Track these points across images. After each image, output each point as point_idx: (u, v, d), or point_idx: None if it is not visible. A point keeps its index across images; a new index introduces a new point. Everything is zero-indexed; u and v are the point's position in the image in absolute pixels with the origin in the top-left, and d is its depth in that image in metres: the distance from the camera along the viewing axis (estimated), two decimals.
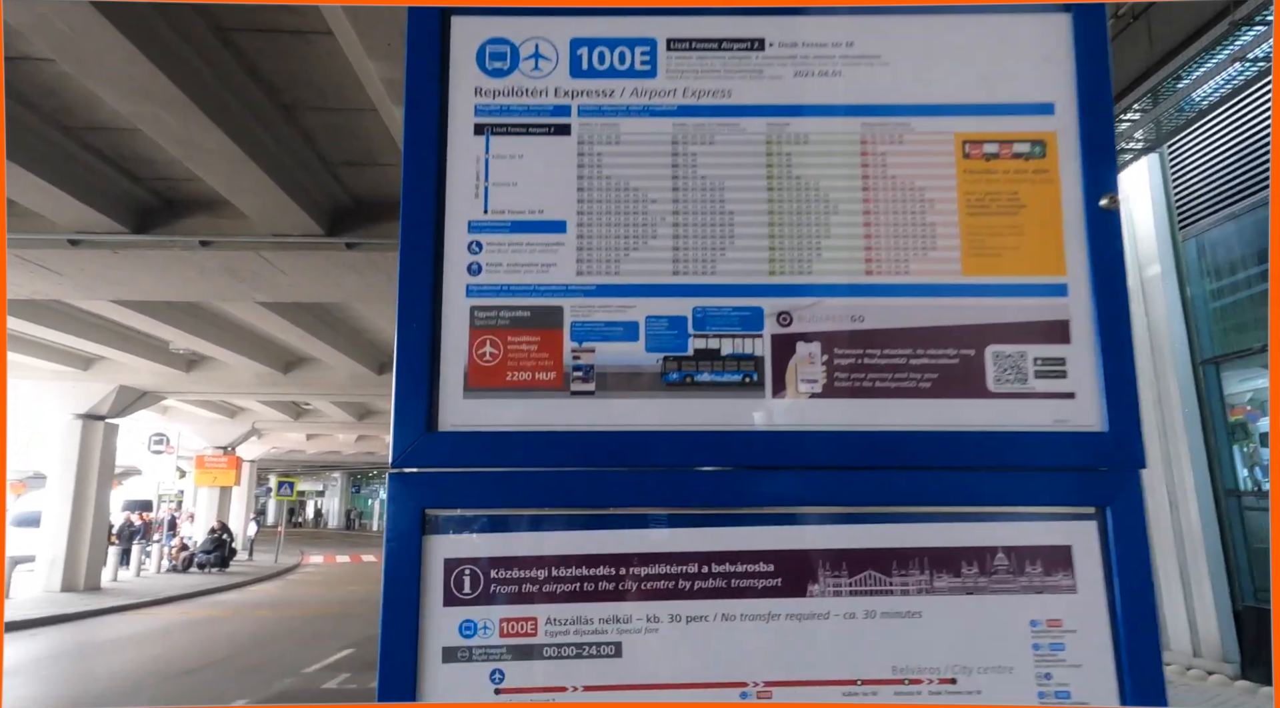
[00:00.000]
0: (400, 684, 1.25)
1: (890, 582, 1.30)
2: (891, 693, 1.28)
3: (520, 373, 1.34)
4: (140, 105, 7.33)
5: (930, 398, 1.34)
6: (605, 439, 1.32)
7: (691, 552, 1.31)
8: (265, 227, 10.25)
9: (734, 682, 1.28)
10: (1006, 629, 1.29)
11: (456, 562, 1.30)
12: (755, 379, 1.35)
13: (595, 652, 1.28)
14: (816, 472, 1.32)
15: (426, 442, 1.30)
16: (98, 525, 18.62)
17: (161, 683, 9.95)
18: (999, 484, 1.31)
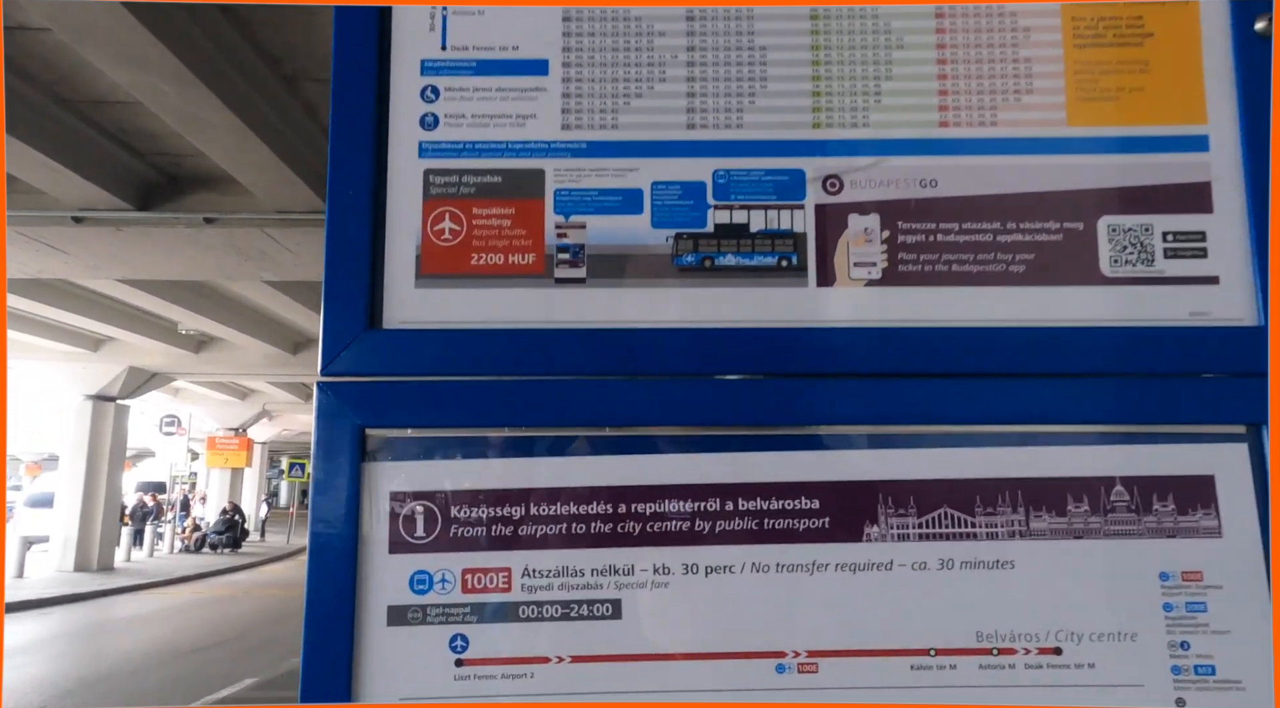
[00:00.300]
0: (332, 655, 0.96)
1: (973, 523, 0.99)
2: (975, 667, 0.97)
3: (489, 255, 1.03)
4: (138, 75, 7.11)
5: (1024, 285, 1.02)
6: (599, 340, 1.02)
7: (712, 484, 1.00)
8: (270, 203, 10.08)
9: (767, 652, 0.98)
10: (1128, 585, 0.98)
11: (405, 496, 1.00)
12: (795, 263, 1.04)
13: (586, 612, 0.98)
14: (875, 380, 1.01)
15: (367, 342, 1.00)
16: (110, 506, 18.57)
17: (171, 661, 9.87)
18: (1117, 396, 1.00)
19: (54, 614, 13.45)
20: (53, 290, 14.25)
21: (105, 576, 17.47)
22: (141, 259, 11.78)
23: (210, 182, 10.34)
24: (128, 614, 13.77)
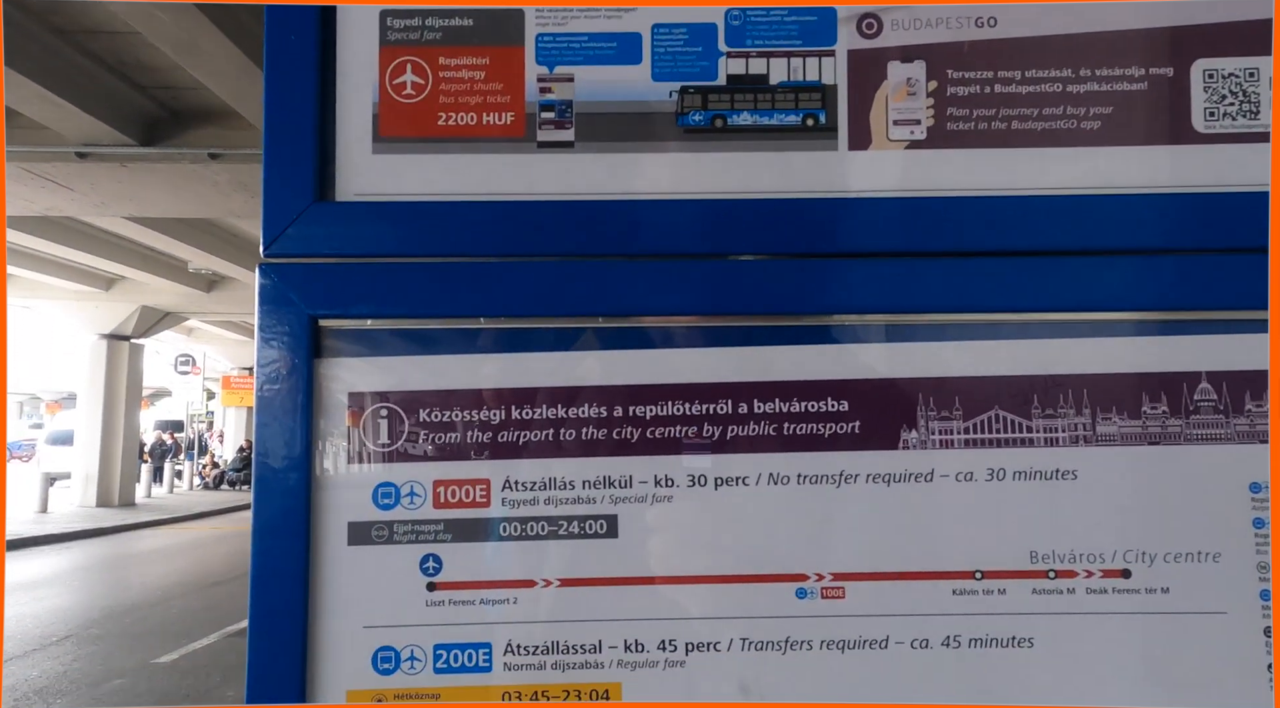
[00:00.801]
0: (284, 578, 0.83)
1: (1029, 427, 0.85)
2: (1027, 591, 0.83)
3: (459, 114, 0.87)
4: None
5: (1097, 146, 0.86)
6: (590, 214, 0.86)
7: (723, 383, 0.86)
8: None
9: (786, 574, 0.85)
10: (1211, 497, 0.84)
11: (367, 398, 0.86)
12: (824, 122, 0.87)
13: (577, 529, 0.85)
14: (915, 260, 0.86)
15: (317, 218, 0.85)
16: (129, 444, 18.81)
17: (192, 593, 10.07)
18: (1206, 275, 0.84)
19: (77, 548, 13.71)
20: (62, 229, 14.20)
21: (126, 511, 17.78)
22: (148, 196, 11.71)
23: (213, 116, 10.20)
24: (149, 548, 14.03)
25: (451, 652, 0.84)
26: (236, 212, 12.75)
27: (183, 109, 10.24)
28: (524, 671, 0.84)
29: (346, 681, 0.84)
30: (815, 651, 0.84)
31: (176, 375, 23.90)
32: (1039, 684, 0.83)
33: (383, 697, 0.84)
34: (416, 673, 0.84)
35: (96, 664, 7.07)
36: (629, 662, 0.84)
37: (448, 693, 0.84)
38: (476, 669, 0.84)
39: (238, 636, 7.98)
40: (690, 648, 0.84)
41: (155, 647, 7.55)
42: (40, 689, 6.37)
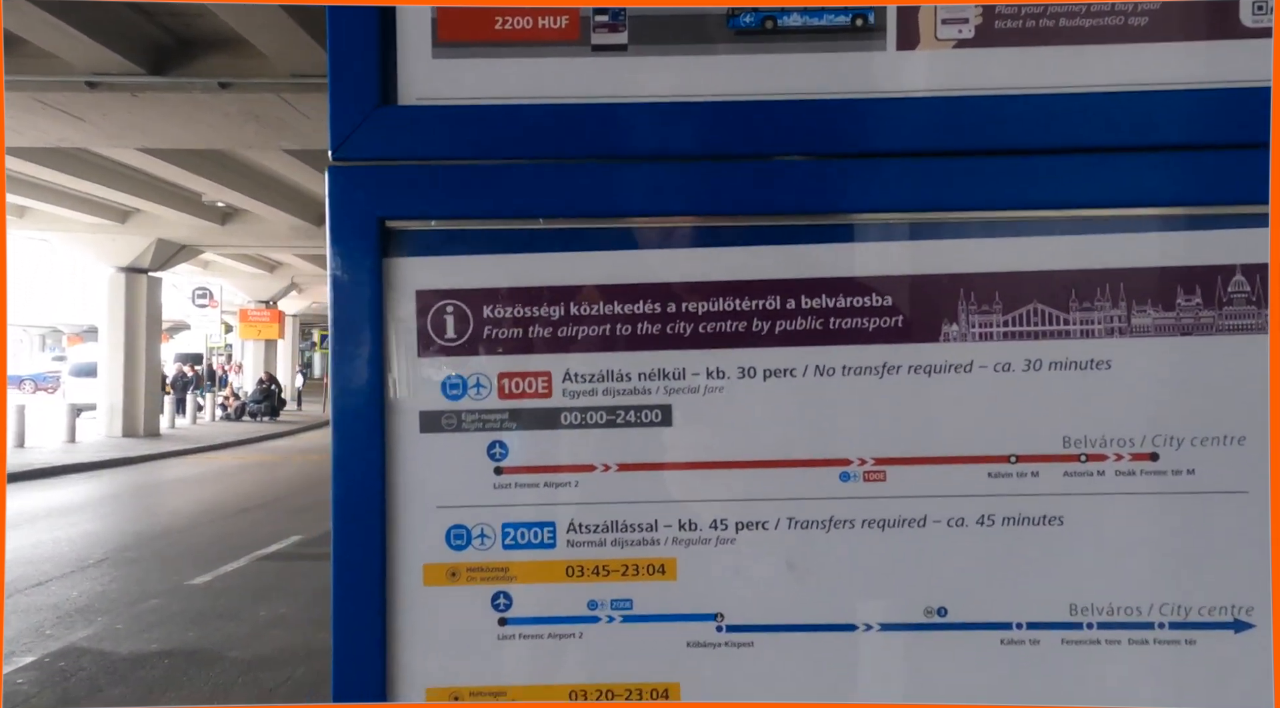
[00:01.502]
0: (362, 465, 0.89)
1: (1065, 319, 0.89)
2: (1059, 474, 0.89)
3: (516, 19, 0.89)
4: None
5: (1143, 42, 0.88)
6: (644, 116, 0.89)
7: (772, 280, 0.90)
8: (284, 67, 9.84)
9: (831, 459, 0.90)
10: (1238, 384, 0.88)
11: (433, 295, 0.91)
12: (872, 21, 0.89)
13: (633, 418, 0.90)
14: (963, 159, 0.89)
15: (381, 121, 0.88)
16: (151, 375, 19.12)
17: (220, 520, 10.34)
18: (1244, 170, 0.86)
19: (106, 476, 14.06)
20: (76, 161, 14.18)
21: (152, 441, 18.15)
22: (160, 127, 11.66)
23: (222, 44, 10.08)
24: (175, 477, 14.37)
25: (518, 530, 0.91)
26: (249, 142, 12.68)
27: (192, 37, 10.12)
28: (585, 547, 0.91)
29: (422, 555, 0.90)
30: (857, 529, 0.90)
31: (194, 309, 24.09)
32: (1068, 560, 0.89)
33: (455, 570, 0.91)
34: (486, 549, 0.91)
35: (133, 585, 7.33)
36: (683, 539, 0.90)
37: (515, 567, 0.91)
38: (541, 546, 0.91)
39: (267, 559, 8.25)
40: (740, 527, 0.90)
41: (188, 570, 7.81)
42: (82, 608, 6.63)
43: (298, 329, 34.48)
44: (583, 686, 0.91)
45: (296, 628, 6.13)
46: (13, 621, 6.28)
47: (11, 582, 7.32)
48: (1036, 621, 0.89)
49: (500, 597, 0.91)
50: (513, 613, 0.91)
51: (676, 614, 0.90)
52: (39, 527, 9.71)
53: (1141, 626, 0.88)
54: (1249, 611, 0.87)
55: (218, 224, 19.03)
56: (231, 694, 4.94)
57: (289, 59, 9.57)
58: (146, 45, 9.95)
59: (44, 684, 5.06)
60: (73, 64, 9.83)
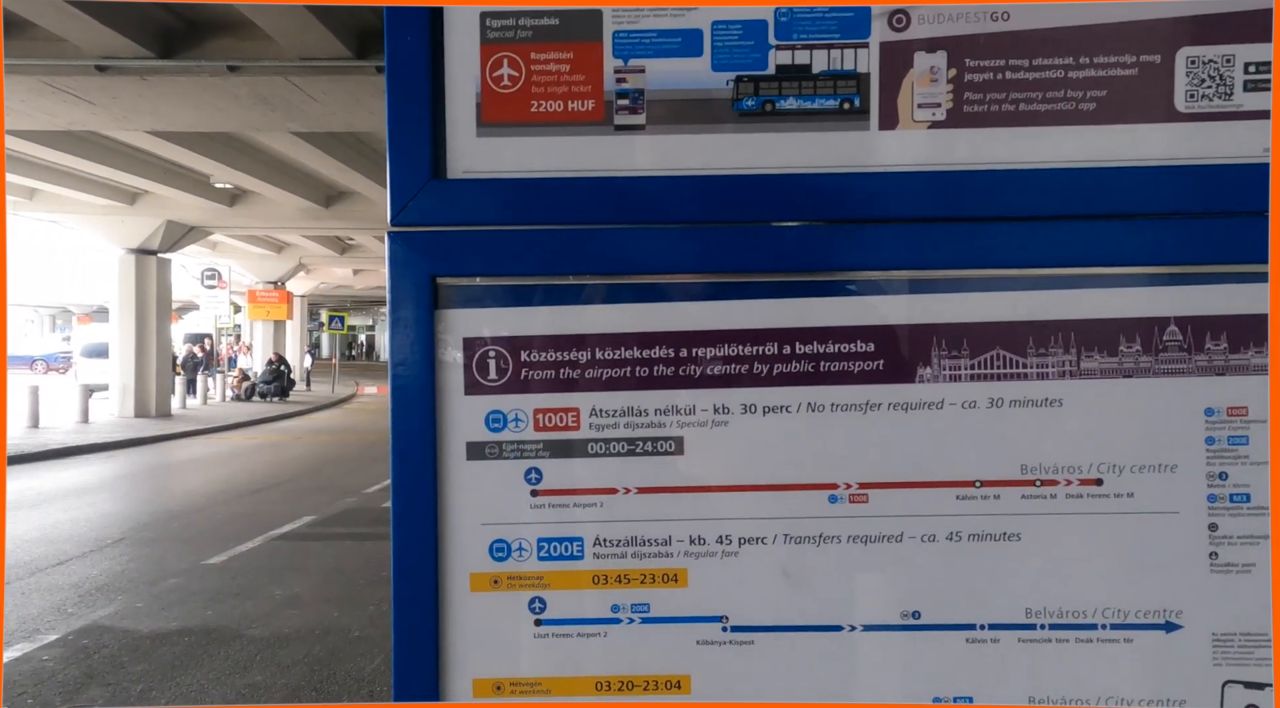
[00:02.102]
0: (418, 487, 1.04)
1: (1024, 364, 1.03)
2: (1017, 497, 1.03)
3: (549, 102, 1.03)
4: None
5: (1095, 124, 1.01)
6: (660, 187, 1.03)
7: (770, 329, 1.04)
8: (292, 50, 9.88)
9: (820, 483, 1.04)
10: (1173, 420, 1.02)
11: (478, 342, 1.05)
12: (858, 105, 1.02)
13: (651, 448, 1.05)
14: (934, 225, 1.02)
15: (433, 193, 1.02)
16: (161, 356, 19.31)
17: (234, 500, 10.50)
18: (1179, 236, 1.00)
19: (120, 456, 14.26)
20: (86, 143, 14.26)
21: (164, 422, 18.37)
22: (169, 110, 11.71)
23: (230, 27, 10.12)
24: (189, 457, 14.57)
25: (551, 544, 1.05)
26: (257, 125, 12.74)
27: (200, 20, 10.13)
28: (609, 559, 1.05)
29: (469, 565, 1.05)
30: (843, 544, 1.04)
31: (203, 289, 24.23)
32: (1024, 570, 1.03)
33: (498, 578, 1.06)
34: (524, 560, 1.05)
35: (151, 565, 7.49)
36: (693, 552, 1.05)
37: (548, 576, 1.06)
38: (571, 558, 1.06)
39: (281, 539, 8.41)
40: (742, 541, 1.05)
41: (204, 549, 7.96)
42: (102, 587, 6.80)
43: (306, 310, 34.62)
44: (607, 677, 1.06)
45: (311, 606, 6.29)
46: (35, 599, 6.44)
47: (33, 560, 7.50)
48: (997, 622, 1.04)
49: (536, 601, 1.06)
50: (547, 615, 1.06)
51: (688, 617, 1.05)
52: (57, 506, 9.90)
53: (1086, 627, 1.03)
54: (1178, 614, 1.02)
55: (226, 206, 19.11)
56: (250, 671, 5.09)
57: (297, 42, 9.63)
58: (155, 29, 9.99)
59: (69, 661, 5.22)
60: (82, 48, 9.88)
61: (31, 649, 5.41)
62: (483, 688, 1.06)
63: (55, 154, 14.27)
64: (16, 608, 6.23)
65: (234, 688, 4.86)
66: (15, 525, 8.82)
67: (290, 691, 4.83)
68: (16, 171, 15.54)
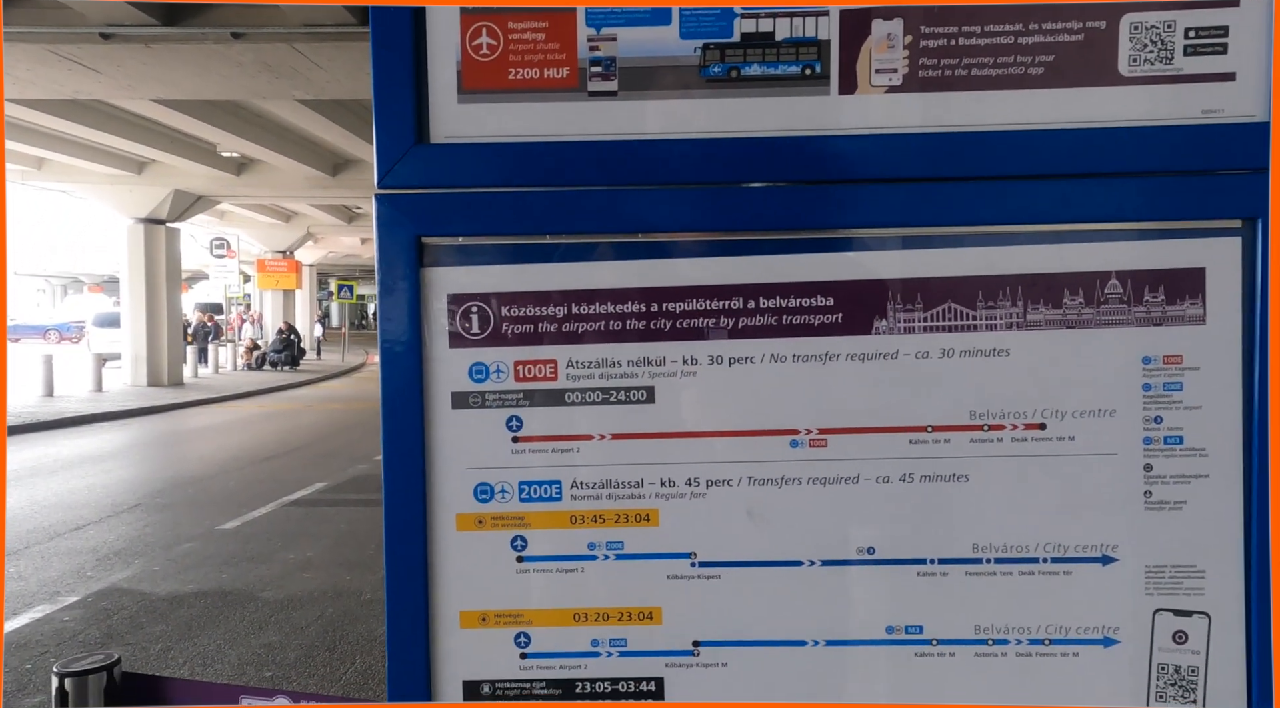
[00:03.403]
0: (406, 435, 1.11)
1: (974, 316, 1.09)
2: (966, 441, 1.10)
3: (525, 70, 1.09)
4: None
5: (1042, 88, 1.06)
6: (631, 150, 1.09)
7: (735, 284, 1.10)
8: (297, 16, 9.85)
9: (782, 429, 1.11)
10: (1112, 368, 1.08)
11: (461, 298, 1.12)
12: (819, 71, 1.08)
13: (623, 397, 1.12)
14: (892, 185, 1.08)
15: (417, 157, 1.08)
16: (173, 325, 19.48)
17: (247, 467, 10.67)
18: (1122, 194, 1.06)
19: (134, 424, 14.46)
20: (91, 112, 14.27)
21: (176, 390, 18.58)
22: (174, 78, 11.70)
23: None
24: (202, 425, 14.76)
25: (531, 486, 1.13)
26: (262, 92, 12.72)
27: None
28: (585, 500, 1.13)
29: (455, 506, 1.13)
30: (804, 485, 1.12)
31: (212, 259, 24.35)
32: (972, 508, 1.11)
33: (482, 519, 1.13)
34: (506, 502, 1.13)
35: (166, 530, 7.65)
36: (664, 493, 1.13)
37: (529, 516, 1.14)
38: (550, 500, 1.13)
39: (293, 505, 8.57)
40: (709, 483, 1.12)
41: (218, 515, 8.11)
42: (119, 551, 6.96)
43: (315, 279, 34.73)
44: (584, 609, 1.14)
45: (324, 570, 6.44)
46: (54, 563, 6.60)
47: (51, 526, 7.67)
48: (946, 557, 1.11)
49: (518, 540, 1.14)
50: (528, 552, 1.14)
51: (659, 553, 1.13)
52: (73, 473, 10.08)
53: (1028, 560, 1.10)
54: (1114, 547, 1.09)
55: (233, 175, 19.14)
56: (265, 631, 5.24)
57: (301, 9, 9.61)
58: None
59: (89, 622, 5.38)
60: (86, 15, 9.87)
61: (53, 611, 5.57)
62: (469, 619, 1.14)
63: (63, 123, 14.30)
64: (36, 571, 6.39)
65: (249, 648, 5.00)
66: (33, 492, 9.01)
67: (304, 651, 4.97)
68: (25, 141, 15.59)
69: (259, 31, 10.21)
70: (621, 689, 1.14)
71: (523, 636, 1.14)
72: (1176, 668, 1.08)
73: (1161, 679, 1.09)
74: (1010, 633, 1.11)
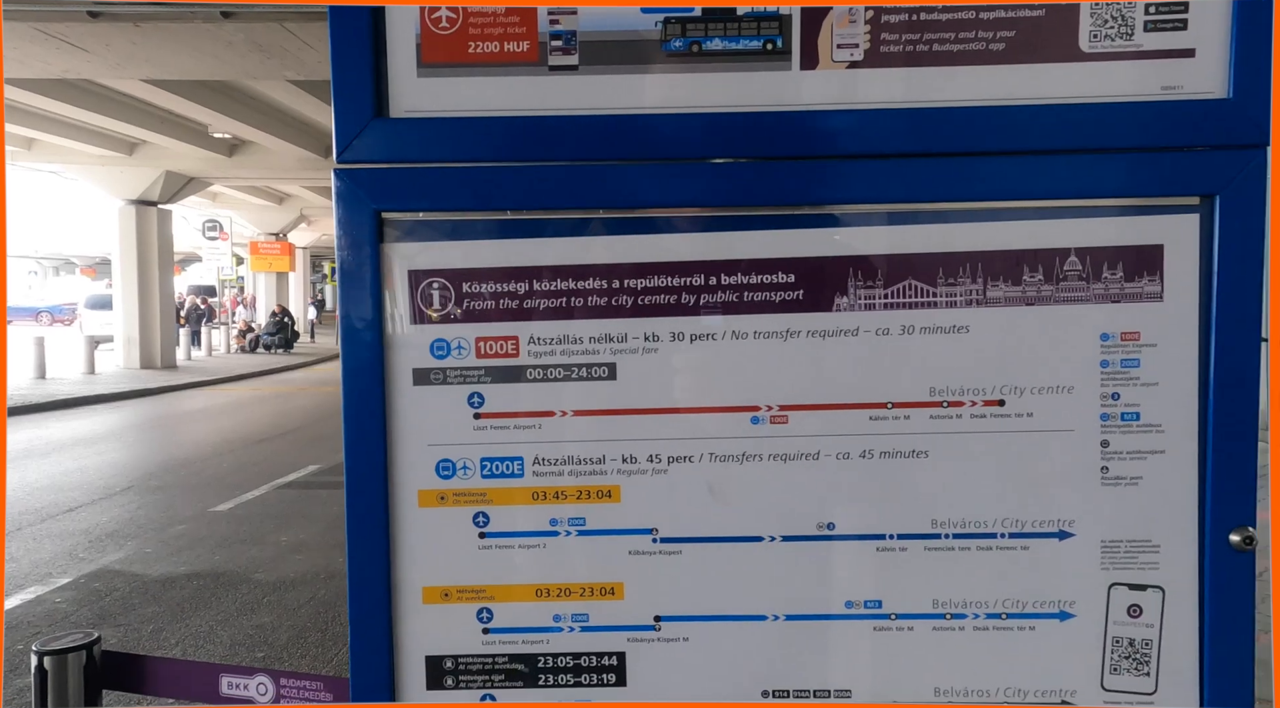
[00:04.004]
0: (368, 409, 1.11)
1: (934, 293, 1.09)
2: (926, 417, 1.10)
3: (486, 44, 1.08)
4: None
5: (1003, 63, 1.05)
6: (592, 125, 1.08)
7: (697, 261, 1.10)
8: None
9: (744, 406, 1.12)
10: (1071, 344, 1.08)
11: (422, 274, 1.12)
12: (780, 46, 1.07)
13: (585, 374, 1.12)
14: (853, 162, 1.08)
15: (376, 131, 1.08)
16: (165, 308, 19.39)
17: (240, 450, 10.65)
18: (1081, 171, 1.05)
19: (127, 407, 14.43)
20: (82, 92, 14.16)
21: (169, 373, 18.53)
22: (163, 57, 11.61)
23: None
24: (194, 408, 14.73)
25: (493, 463, 1.13)
26: (253, 73, 12.63)
27: None
28: (547, 476, 1.13)
29: (417, 482, 1.13)
30: (765, 462, 1.12)
31: (205, 241, 24.24)
32: (931, 484, 1.11)
33: (444, 495, 1.14)
34: (468, 478, 1.13)
35: (159, 512, 7.64)
36: (625, 470, 1.13)
37: (491, 492, 1.14)
38: (512, 476, 1.14)
39: (286, 488, 8.56)
40: (671, 460, 1.13)
41: (211, 497, 8.10)
42: (112, 533, 6.95)
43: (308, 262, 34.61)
44: (546, 584, 1.15)
45: (317, 551, 6.44)
46: (46, 545, 6.60)
47: (42, 508, 7.66)
48: (905, 532, 1.12)
49: (480, 516, 1.14)
50: (490, 528, 1.14)
51: (621, 529, 1.14)
52: (65, 456, 10.07)
53: (986, 535, 1.11)
54: (1071, 522, 1.10)
55: (225, 156, 19.01)
56: (258, 612, 5.25)
57: None
58: None
59: (81, 603, 5.38)
60: None
61: (45, 592, 5.58)
62: (431, 595, 1.14)
63: (52, 103, 14.19)
64: (28, 553, 6.39)
65: (242, 629, 5.01)
66: (25, 474, 9.00)
67: (296, 631, 4.98)
68: (14, 121, 15.46)
69: (249, 10, 10.12)
70: (584, 664, 1.14)
71: (485, 611, 1.14)
72: (1131, 641, 1.09)
73: (1116, 652, 1.10)
74: (968, 607, 1.11)
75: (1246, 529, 1.05)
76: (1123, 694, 1.10)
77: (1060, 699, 1.11)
